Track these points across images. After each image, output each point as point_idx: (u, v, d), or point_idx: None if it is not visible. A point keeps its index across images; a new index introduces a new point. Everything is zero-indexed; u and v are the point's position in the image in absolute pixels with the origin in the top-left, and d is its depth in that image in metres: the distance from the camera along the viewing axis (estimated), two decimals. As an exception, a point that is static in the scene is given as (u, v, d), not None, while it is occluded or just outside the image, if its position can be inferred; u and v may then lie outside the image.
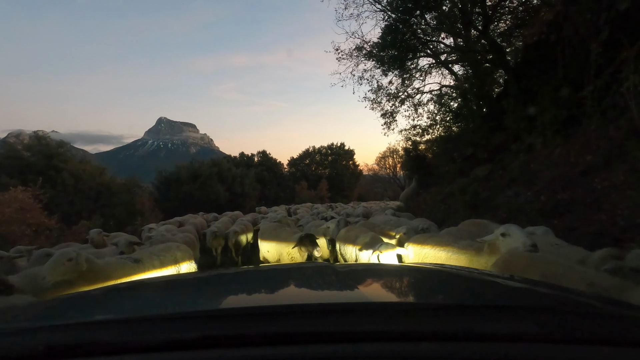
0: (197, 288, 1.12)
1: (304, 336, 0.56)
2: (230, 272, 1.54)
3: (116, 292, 1.16)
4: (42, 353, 0.56)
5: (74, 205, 14.88)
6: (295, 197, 28.18)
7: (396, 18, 10.34)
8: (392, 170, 36.03)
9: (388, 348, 0.52)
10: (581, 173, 5.60)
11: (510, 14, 9.73)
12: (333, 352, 0.51)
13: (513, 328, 0.55)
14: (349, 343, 0.53)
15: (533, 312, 0.63)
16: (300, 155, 38.73)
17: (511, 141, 8.73)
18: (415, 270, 1.35)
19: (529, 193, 6.50)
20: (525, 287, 1.01)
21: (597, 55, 4.87)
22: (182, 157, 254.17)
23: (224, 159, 30.03)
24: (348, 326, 0.58)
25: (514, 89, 8.52)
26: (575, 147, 6.21)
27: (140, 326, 0.63)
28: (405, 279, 1.12)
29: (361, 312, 0.63)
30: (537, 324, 0.56)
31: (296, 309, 0.67)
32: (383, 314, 0.63)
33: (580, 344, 0.52)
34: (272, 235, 5.55)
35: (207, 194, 22.34)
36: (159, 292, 1.12)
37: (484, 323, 0.58)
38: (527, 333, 0.54)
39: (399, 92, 12.87)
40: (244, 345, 0.55)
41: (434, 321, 0.60)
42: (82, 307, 0.94)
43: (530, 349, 0.51)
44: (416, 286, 1.03)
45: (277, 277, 1.25)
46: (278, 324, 0.59)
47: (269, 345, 0.54)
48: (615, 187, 4.78)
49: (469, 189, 8.94)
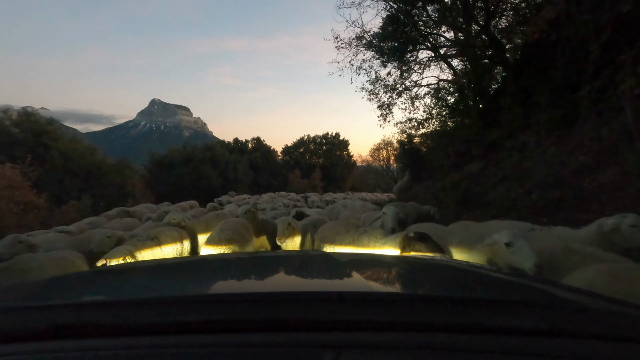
0: (186, 272, 1.13)
1: (282, 323, 0.57)
2: (219, 258, 1.55)
3: (111, 274, 1.16)
4: (44, 331, 0.57)
5: (63, 184, 14.69)
6: (288, 186, 28.17)
7: (398, 8, 10.23)
8: (385, 162, 36.22)
9: (379, 337, 0.53)
10: (572, 173, 5.69)
11: (512, 10, 9.69)
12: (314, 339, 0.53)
13: (511, 322, 0.57)
14: (332, 332, 0.55)
15: (529, 307, 0.65)
16: (294, 143, 38.61)
17: (505, 138, 8.79)
18: (416, 262, 1.37)
19: (521, 190, 6.59)
20: (519, 282, 1.03)
21: (596, 56, 4.89)
22: (174, 140, 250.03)
23: (218, 144, 29.77)
24: (329, 315, 0.59)
25: (512, 86, 8.54)
26: (568, 147, 6.29)
27: (139, 309, 0.64)
28: (407, 270, 1.13)
29: (351, 301, 0.65)
30: (532, 318, 0.58)
31: (274, 297, 0.68)
32: (375, 304, 0.64)
33: (570, 337, 0.54)
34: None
35: (199, 179, 22.23)
36: (153, 276, 1.13)
37: (485, 316, 0.59)
38: (523, 327, 0.56)
39: (397, 84, 12.81)
40: (233, 331, 0.56)
41: (433, 312, 0.61)
42: (80, 288, 0.94)
43: (526, 342, 0.53)
44: (417, 278, 1.04)
45: (267, 264, 1.26)
46: (254, 311, 0.60)
47: (241, 332, 0.55)
48: (604, 188, 4.87)
49: (462, 184, 9.02)
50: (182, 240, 4.39)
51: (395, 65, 12.02)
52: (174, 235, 4.22)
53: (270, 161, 33.49)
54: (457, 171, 10.24)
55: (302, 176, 31.97)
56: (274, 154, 35.64)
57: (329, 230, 3.80)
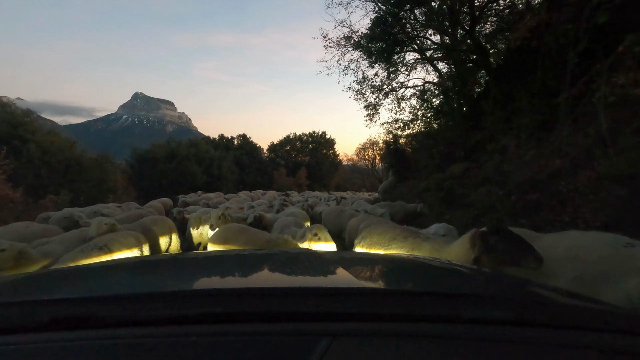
0: (178, 269, 1.17)
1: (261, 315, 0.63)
2: (206, 255, 1.58)
3: (106, 270, 1.17)
4: (44, 324, 0.60)
5: (40, 178, 14.20)
6: (274, 184, 28.09)
7: (386, 10, 10.34)
8: (371, 161, 36.51)
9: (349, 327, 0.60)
10: (550, 176, 5.90)
11: (497, 17, 9.95)
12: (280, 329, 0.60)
13: (486, 314, 0.65)
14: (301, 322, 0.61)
15: (501, 301, 0.74)
16: (280, 141, 38.48)
17: (487, 141, 9.02)
18: (401, 260, 1.43)
19: (501, 192, 6.79)
20: (499, 280, 1.10)
21: (574, 64, 5.10)
22: (157, 135, 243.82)
23: (203, 140, 29.37)
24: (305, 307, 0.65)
25: (494, 90, 8.77)
26: (547, 151, 6.51)
27: (136, 302, 0.68)
28: (383, 267, 1.21)
29: (333, 296, 0.71)
30: (504, 311, 0.66)
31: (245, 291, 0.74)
32: (364, 297, 0.72)
33: (540, 327, 0.63)
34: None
35: (183, 175, 21.90)
36: (147, 271, 1.16)
37: (460, 309, 0.66)
38: (496, 318, 0.64)
39: (384, 84, 12.99)
40: (218, 322, 0.61)
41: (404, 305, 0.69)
42: (75, 282, 0.97)
43: (499, 331, 0.61)
44: (402, 274, 1.12)
45: (250, 261, 1.31)
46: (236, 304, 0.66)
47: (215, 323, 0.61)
48: (579, 191, 5.08)
49: (445, 185, 9.22)
50: (141, 246, 3.89)
51: (382, 66, 12.18)
52: (129, 242, 3.69)
53: (256, 159, 33.29)
54: (440, 172, 10.45)
55: (287, 174, 31.92)
56: (260, 151, 35.43)
57: (379, 235, 3.46)
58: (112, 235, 3.75)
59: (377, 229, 3.59)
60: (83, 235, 3.90)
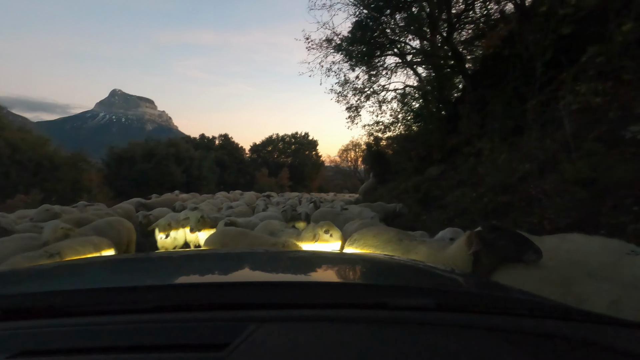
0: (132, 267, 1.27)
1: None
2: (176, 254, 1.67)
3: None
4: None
5: (9, 177, 13.64)
6: (255, 184, 27.91)
7: (367, 14, 10.51)
8: (353, 163, 36.82)
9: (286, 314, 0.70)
10: (519, 179, 6.15)
11: (473, 24, 10.29)
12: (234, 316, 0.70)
13: (408, 302, 0.76)
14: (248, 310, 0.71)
15: (422, 291, 0.87)
16: (263, 141, 38.31)
17: (464, 145, 9.29)
18: (353, 258, 1.53)
19: (474, 194, 7.02)
20: (431, 273, 1.24)
21: (540, 73, 5.35)
22: (136, 133, 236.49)
23: (183, 139, 28.93)
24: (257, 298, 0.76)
25: (470, 96, 9.06)
26: (518, 155, 6.78)
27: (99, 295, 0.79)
28: (338, 264, 1.30)
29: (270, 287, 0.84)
30: (425, 299, 0.77)
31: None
32: (287, 289, 0.82)
33: (452, 311, 0.74)
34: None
35: (162, 175, 21.47)
36: (110, 269, 1.25)
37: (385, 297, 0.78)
38: (415, 305, 0.75)
39: (365, 87, 13.16)
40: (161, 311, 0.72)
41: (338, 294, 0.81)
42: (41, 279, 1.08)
43: (421, 315, 0.71)
44: (341, 268, 1.23)
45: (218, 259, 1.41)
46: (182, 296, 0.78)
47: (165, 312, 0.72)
48: (546, 193, 5.32)
49: (422, 187, 9.45)
50: (100, 252, 3.55)
51: (363, 69, 12.34)
52: (87, 250, 3.34)
53: (238, 159, 32.99)
54: (418, 174, 10.69)
55: (269, 175, 31.79)
56: (242, 151, 35.15)
57: (373, 237, 3.37)
58: (67, 242, 3.40)
59: (371, 231, 3.53)
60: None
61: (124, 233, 4.73)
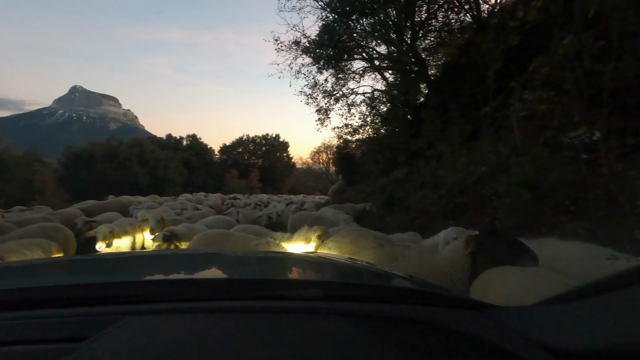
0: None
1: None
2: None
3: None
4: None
5: (-50, 178, 12.57)
6: (225, 186, 27.40)
7: (334, 18, 10.66)
8: (325, 165, 37.04)
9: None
10: (475, 181, 6.48)
11: (435, 33, 10.71)
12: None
13: (299, 293, 0.85)
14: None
15: (313, 283, 0.97)
16: (233, 142, 37.73)
17: (426, 148, 9.63)
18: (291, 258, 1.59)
19: (435, 196, 7.31)
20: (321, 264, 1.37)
21: (491, 81, 5.68)
22: (99, 132, 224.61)
23: (148, 139, 27.89)
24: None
25: (432, 101, 9.41)
26: (474, 158, 7.13)
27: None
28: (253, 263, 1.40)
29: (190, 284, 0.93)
30: (315, 290, 0.86)
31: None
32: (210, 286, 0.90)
33: (340, 300, 0.82)
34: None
35: (124, 176, 20.57)
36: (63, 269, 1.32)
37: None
38: (307, 296, 0.83)
39: (335, 90, 13.30)
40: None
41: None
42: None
43: (312, 305, 0.80)
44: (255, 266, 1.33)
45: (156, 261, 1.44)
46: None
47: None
48: (498, 195, 5.64)
49: (387, 188, 9.70)
50: (50, 255, 3.49)
51: (332, 72, 12.49)
52: (35, 254, 3.25)
53: (207, 160, 32.25)
54: (385, 176, 10.97)
55: (239, 176, 31.31)
56: (211, 152, 34.40)
57: (350, 244, 3.17)
58: (12, 244, 3.26)
59: (346, 237, 3.32)
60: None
61: (60, 241, 4.33)
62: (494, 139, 6.40)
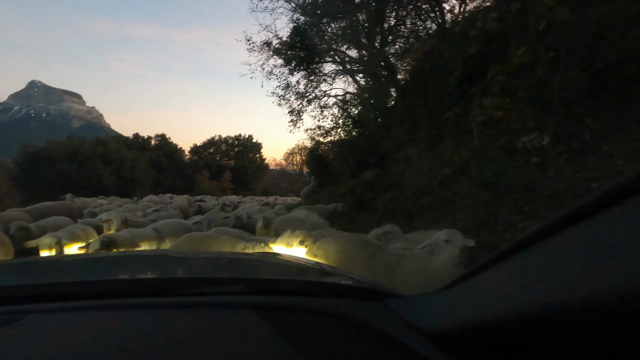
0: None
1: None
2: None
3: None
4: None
5: None
6: (195, 187, 26.72)
7: (305, 21, 10.71)
8: (299, 166, 36.93)
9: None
10: (439, 183, 6.72)
11: (403, 38, 11.01)
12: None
13: (223, 289, 0.92)
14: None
15: (235, 280, 1.02)
16: (204, 143, 36.86)
17: (395, 150, 9.87)
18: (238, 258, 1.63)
19: (402, 197, 7.51)
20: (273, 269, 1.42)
21: (452, 88, 5.93)
22: (60, 130, 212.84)
23: (113, 139, 26.73)
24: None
25: (400, 104, 9.66)
26: (439, 161, 7.40)
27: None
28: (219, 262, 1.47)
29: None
30: (237, 286, 0.92)
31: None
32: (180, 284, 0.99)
33: (260, 294, 0.89)
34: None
35: (87, 177, 19.59)
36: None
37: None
38: (230, 291, 0.89)
39: (307, 92, 13.35)
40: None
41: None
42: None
43: (232, 299, 0.86)
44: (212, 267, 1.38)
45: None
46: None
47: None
48: (459, 196, 5.88)
49: (357, 190, 9.84)
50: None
51: (303, 74, 12.52)
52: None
53: (176, 161, 31.32)
54: (355, 178, 11.12)
55: (211, 178, 30.65)
56: (181, 153, 33.45)
57: (337, 252, 2.98)
58: None
59: (333, 245, 3.14)
60: None
61: None
62: (457, 143, 6.67)
